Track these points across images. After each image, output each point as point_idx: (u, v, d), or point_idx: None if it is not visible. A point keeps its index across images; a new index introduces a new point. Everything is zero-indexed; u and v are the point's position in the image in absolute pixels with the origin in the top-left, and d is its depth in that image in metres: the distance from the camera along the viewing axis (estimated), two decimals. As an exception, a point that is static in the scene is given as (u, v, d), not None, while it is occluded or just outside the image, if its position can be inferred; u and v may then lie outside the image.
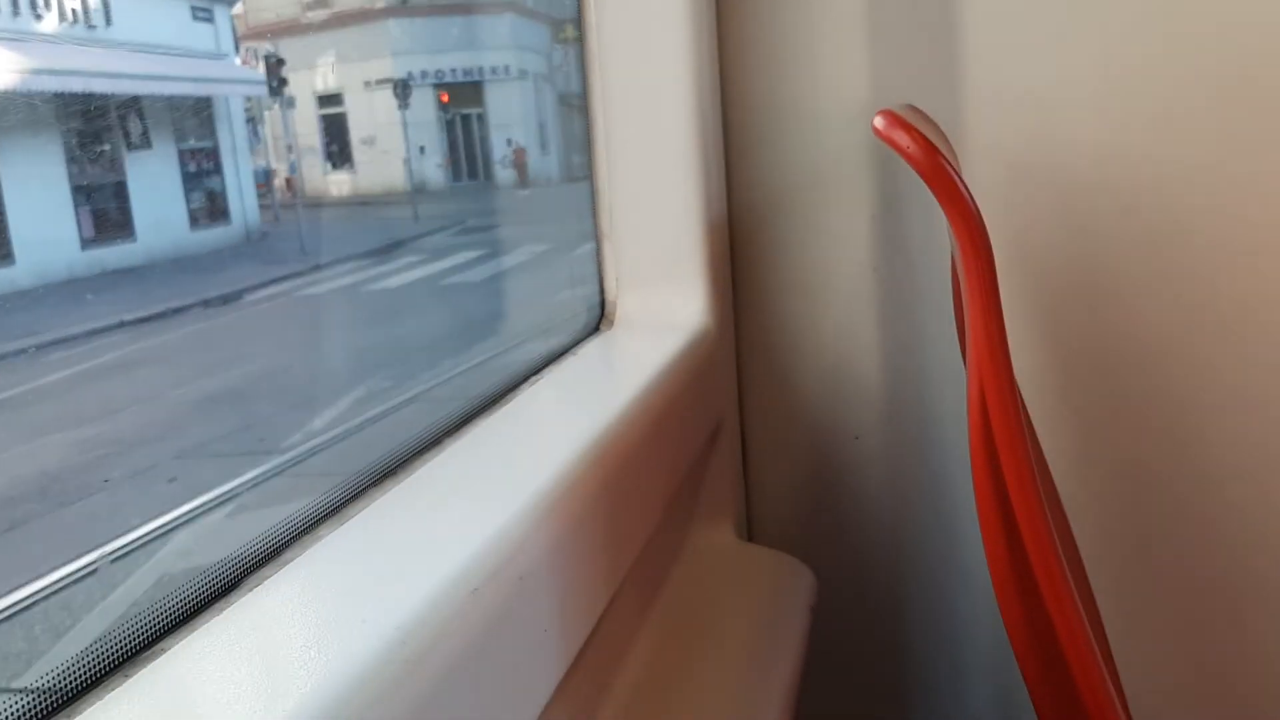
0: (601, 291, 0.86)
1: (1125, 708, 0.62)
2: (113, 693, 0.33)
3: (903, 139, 0.35)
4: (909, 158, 0.36)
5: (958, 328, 0.77)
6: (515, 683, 0.42)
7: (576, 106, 0.86)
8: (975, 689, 0.92)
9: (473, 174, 5.07)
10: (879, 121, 0.36)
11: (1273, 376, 0.77)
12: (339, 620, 0.37)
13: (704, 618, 0.75)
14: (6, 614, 0.94)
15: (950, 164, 0.36)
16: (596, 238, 0.85)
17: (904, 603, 0.92)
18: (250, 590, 0.40)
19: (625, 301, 0.85)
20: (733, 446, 0.90)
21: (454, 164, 4.96)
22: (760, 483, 0.94)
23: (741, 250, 0.89)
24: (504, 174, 5.09)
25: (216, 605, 0.39)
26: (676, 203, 0.80)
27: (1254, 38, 0.73)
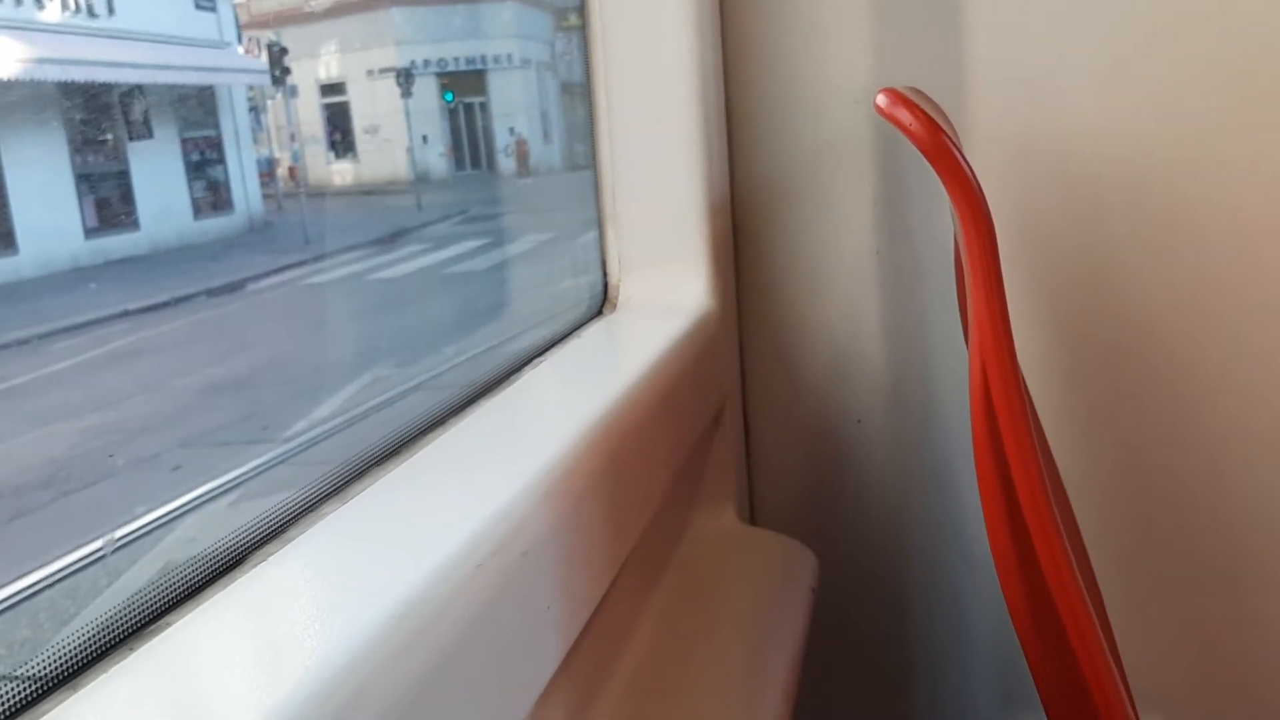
0: (604, 274, 0.85)
1: (1126, 686, 0.62)
2: (117, 667, 0.33)
3: (905, 116, 0.35)
4: (911, 135, 0.35)
5: (960, 310, 0.77)
6: (518, 658, 0.42)
7: (580, 95, 0.85)
8: (977, 669, 0.92)
9: (475, 163, 5.06)
10: (881, 99, 0.36)
11: (1274, 359, 0.77)
12: (343, 595, 0.37)
13: (706, 599, 0.76)
14: (5, 604, 0.93)
15: (953, 140, 0.35)
16: (599, 220, 0.85)
17: (906, 584, 0.92)
18: (254, 567, 0.40)
19: (628, 284, 0.84)
20: (735, 429, 0.90)
21: (456, 153, 4.95)
22: (763, 465, 0.94)
23: (744, 232, 0.89)
24: (506, 163, 5.08)
25: (221, 581, 0.39)
26: (679, 185, 0.80)
27: (1259, 22, 0.73)
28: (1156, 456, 0.81)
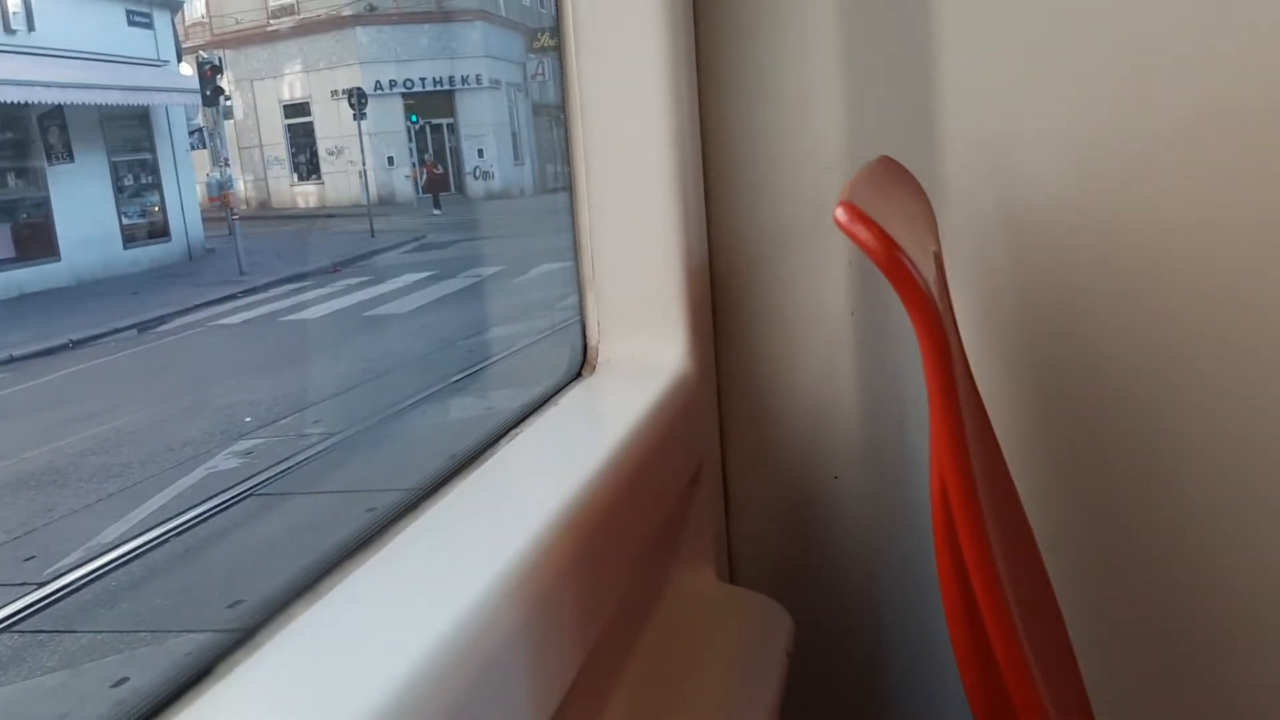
0: (584, 337, 0.88)
1: None
2: None
3: (863, 233, 0.37)
4: (869, 252, 0.38)
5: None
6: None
7: (553, 116, 0.88)
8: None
9: (443, 186, 5.06)
10: (840, 214, 0.38)
11: (1240, 408, 0.81)
12: (306, 712, 0.39)
13: (682, 662, 0.77)
14: None
15: (909, 261, 0.38)
16: (579, 285, 0.87)
17: (881, 643, 0.95)
18: (221, 679, 0.41)
19: (607, 347, 0.87)
20: (714, 488, 0.93)
21: (420, 175, 4.94)
22: (741, 524, 0.96)
23: (722, 295, 0.91)
24: (475, 185, 5.09)
25: (190, 693, 0.41)
26: (658, 250, 0.83)
27: (1222, 84, 0.77)
28: (1125, 518, 0.85)
